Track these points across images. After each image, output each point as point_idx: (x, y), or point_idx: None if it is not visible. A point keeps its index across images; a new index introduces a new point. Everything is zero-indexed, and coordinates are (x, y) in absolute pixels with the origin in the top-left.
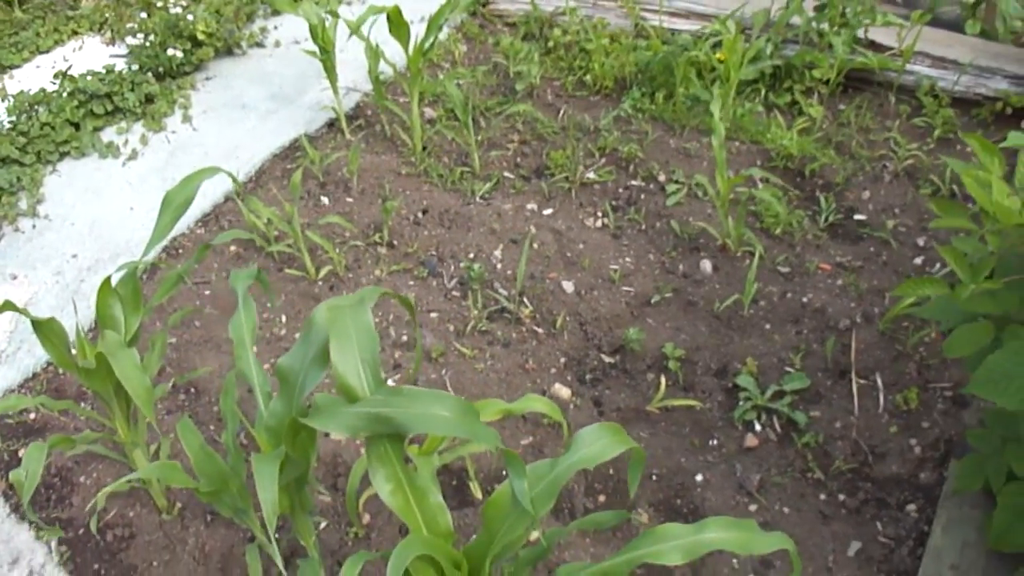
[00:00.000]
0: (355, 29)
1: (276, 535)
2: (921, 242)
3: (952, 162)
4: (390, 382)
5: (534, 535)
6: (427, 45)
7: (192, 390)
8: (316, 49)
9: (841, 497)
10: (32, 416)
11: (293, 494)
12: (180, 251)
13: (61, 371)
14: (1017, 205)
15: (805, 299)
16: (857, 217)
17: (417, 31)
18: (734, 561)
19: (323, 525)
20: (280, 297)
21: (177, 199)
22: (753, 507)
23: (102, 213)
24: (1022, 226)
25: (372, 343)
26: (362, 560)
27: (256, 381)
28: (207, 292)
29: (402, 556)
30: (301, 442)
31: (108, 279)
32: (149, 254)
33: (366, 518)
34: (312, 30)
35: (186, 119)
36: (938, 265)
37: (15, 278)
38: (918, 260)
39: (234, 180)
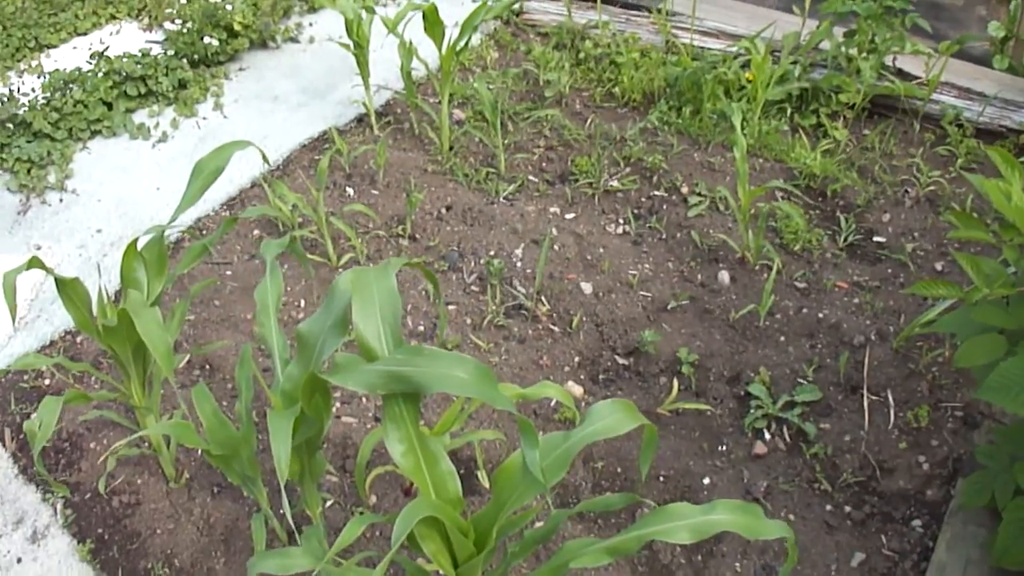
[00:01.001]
0: (392, 27)
1: (280, 511)
2: (939, 266)
3: (973, 177)
4: None
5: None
6: (460, 45)
7: (207, 366)
8: (350, 43)
9: (847, 509)
10: (47, 382)
11: (304, 458)
12: (204, 232)
13: (79, 339)
14: None
15: (821, 315)
16: (876, 239)
17: (451, 34)
18: (737, 565)
19: (329, 503)
20: (300, 281)
21: (208, 167)
22: None
23: (129, 191)
24: None
25: (395, 305)
26: (366, 521)
27: (276, 346)
28: (228, 272)
29: (409, 516)
30: (316, 403)
31: (134, 242)
32: (177, 220)
33: (372, 499)
34: (348, 25)
35: (217, 107)
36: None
37: (39, 248)
38: None
39: (264, 157)
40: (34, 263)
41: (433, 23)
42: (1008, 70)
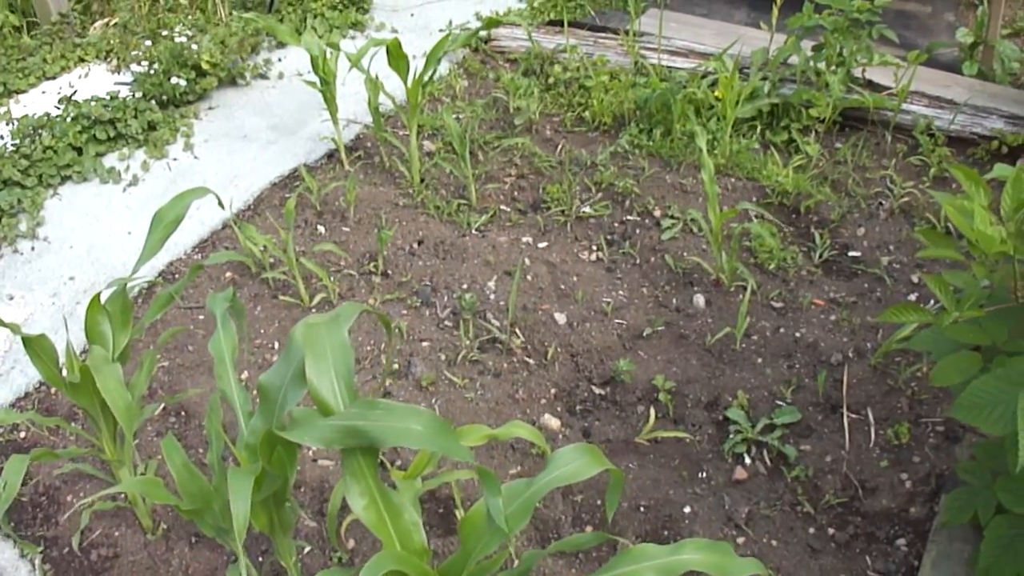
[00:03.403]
0: (355, 62)
1: (260, 558)
2: (915, 279)
3: (938, 195)
4: None
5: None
6: (426, 78)
7: (182, 413)
8: (317, 80)
9: (830, 531)
10: (22, 435)
11: (272, 511)
12: (176, 276)
13: (53, 391)
14: (998, 233)
15: (798, 334)
16: (852, 253)
17: (417, 65)
18: None
19: (307, 550)
20: (275, 322)
21: (167, 217)
22: (741, 539)
23: (101, 237)
24: (1004, 254)
25: (347, 359)
26: None
27: (237, 400)
28: (200, 317)
29: (373, 570)
30: (279, 457)
31: (97, 296)
32: (139, 271)
33: (351, 543)
34: (313, 61)
35: (188, 147)
36: (932, 301)
37: (12, 299)
38: (912, 296)
39: (219, 201)
40: None
41: (397, 57)
42: (978, 76)
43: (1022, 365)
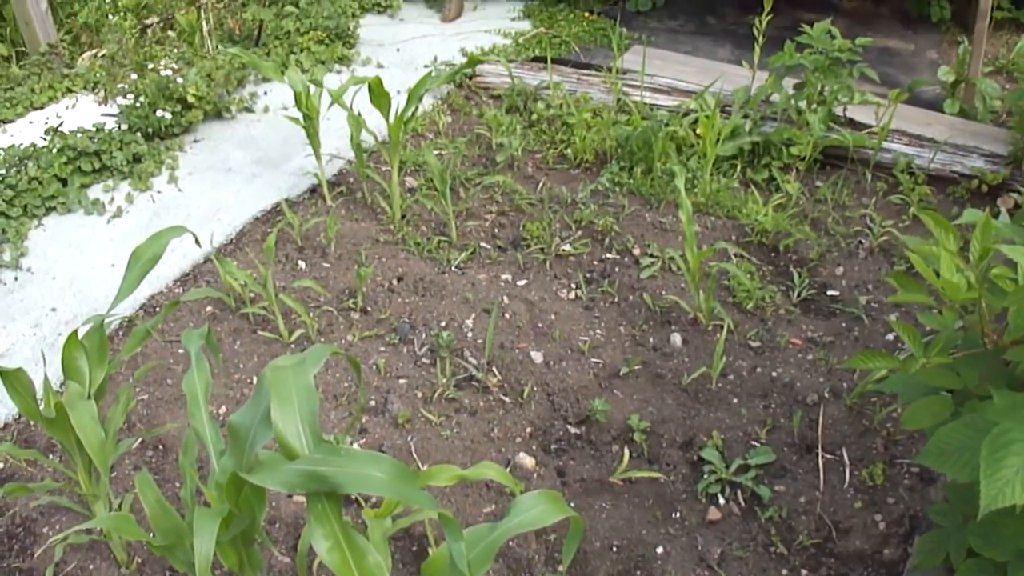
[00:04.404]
0: (336, 97)
1: None
2: (894, 318)
3: (907, 239)
4: (355, 446)
5: None
6: (408, 115)
7: (160, 447)
8: (300, 116)
9: (803, 572)
10: (1, 466)
11: (241, 550)
12: (157, 309)
13: (32, 423)
14: (963, 281)
15: (774, 373)
16: (830, 293)
17: (399, 102)
18: None
19: None
20: (253, 357)
21: (145, 255)
22: None
23: (84, 269)
24: (970, 301)
25: (312, 403)
26: None
27: (209, 438)
28: (180, 351)
29: None
30: (246, 498)
31: (75, 332)
32: (117, 308)
33: None
34: (297, 97)
35: (172, 180)
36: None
37: None
38: (890, 336)
39: (196, 240)
40: None
41: (378, 95)
42: (959, 114)
43: (988, 413)
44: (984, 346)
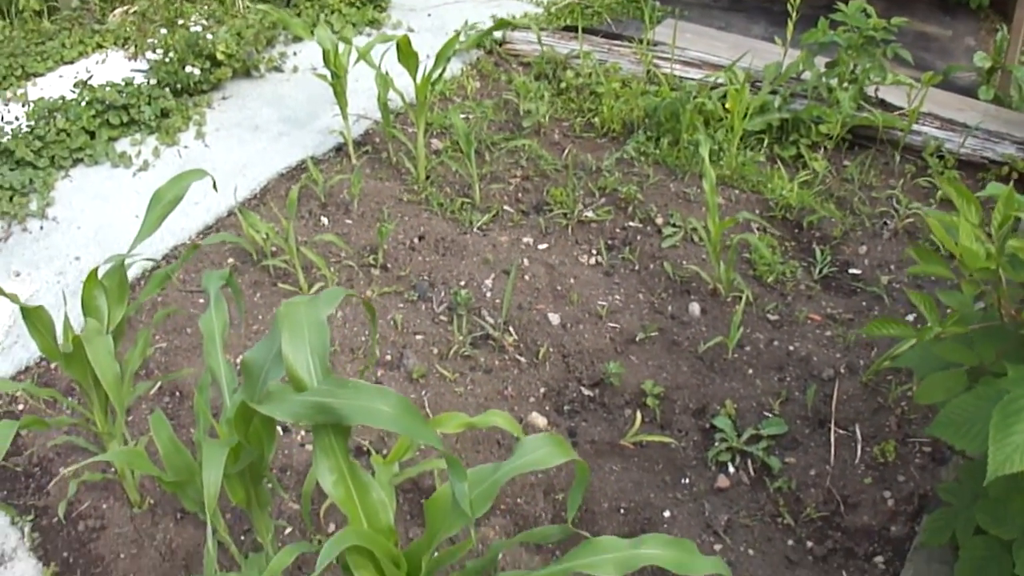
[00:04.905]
0: (364, 54)
1: (242, 537)
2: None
3: (928, 212)
4: None
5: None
6: (435, 76)
7: (177, 393)
8: (328, 74)
9: (809, 544)
10: (20, 407)
11: (249, 486)
12: (177, 258)
13: (52, 367)
14: (982, 251)
15: (791, 347)
16: (852, 271)
17: (428, 64)
18: None
19: (288, 531)
20: (271, 309)
21: (166, 196)
22: (718, 547)
23: (109, 219)
24: (988, 271)
25: (323, 337)
26: (299, 550)
27: (223, 376)
28: (200, 300)
29: (335, 545)
30: (256, 431)
31: (95, 270)
32: (142, 252)
33: (331, 527)
34: (325, 55)
35: (199, 135)
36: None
37: (18, 275)
38: (910, 316)
39: (214, 184)
40: None
41: (407, 54)
42: (994, 101)
43: (1002, 384)
44: (1001, 320)
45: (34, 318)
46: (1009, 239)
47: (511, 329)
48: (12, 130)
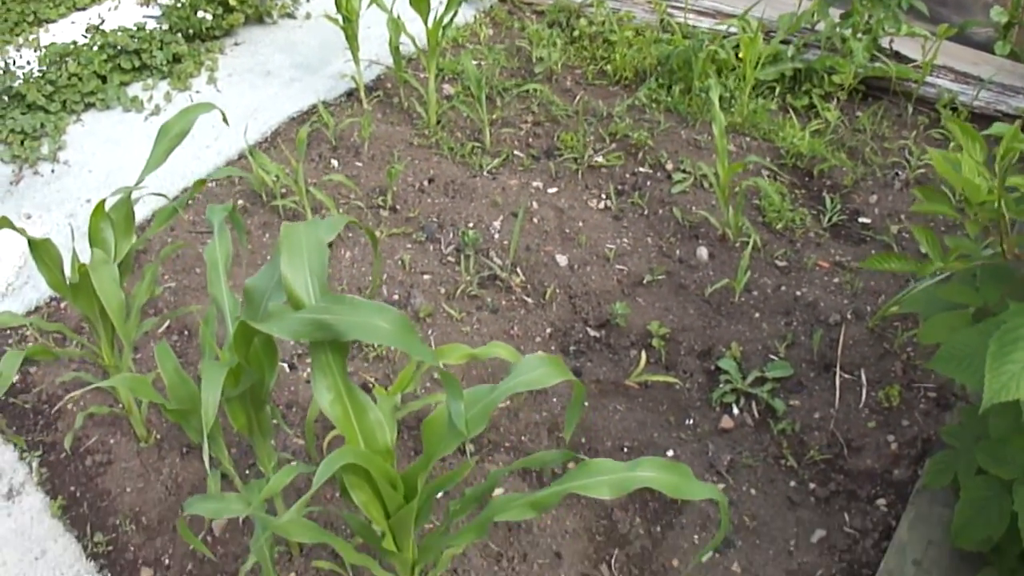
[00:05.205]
0: None
1: (247, 471)
2: (924, 249)
3: (932, 151)
4: None
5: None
6: (446, 20)
7: (185, 332)
8: (339, 18)
9: (811, 486)
10: (29, 344)
11: (250, 412)
12: (190, 202)
13: (62, 306)
14: (985, 184)
15: (798, 293)
16: (862, 220)
17: (439, 9)
18: (695, 538)
19: (292, 463)
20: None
21: (173, 130)
22: (721, 486)
23: (120, 163)
24: (990, 208)
25: (322, 259)
26: (297, 471)
27: (226, 305)
28: (209, 240)
29: (332, 462)
30: (255, 353)
31: (102, 202)
32: (150, 189)
33: None
34: (337, 0)
35: (211, 81)
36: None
37: (29, 217)
38: None
39: (223, 116)
40: (3, 223)
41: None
42: (1010, 56)
43: (1002, 317)
44: (1005, 258)
45: (42, 252)
46: (1011, 177)
47: (518, 270)
48: (24, 75)
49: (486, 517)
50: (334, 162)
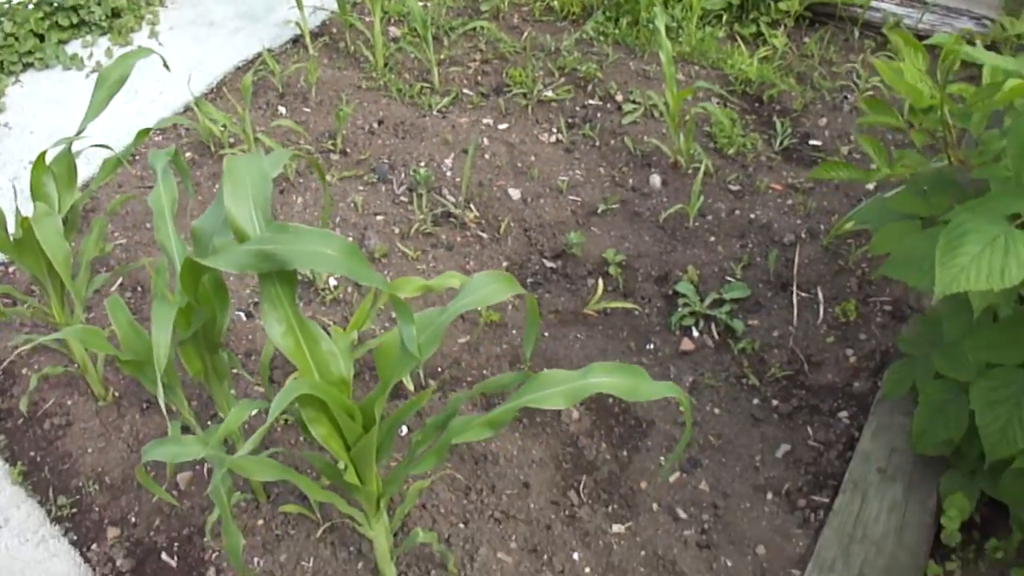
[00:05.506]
0: None
1: (209, 422)
2: (875, 167)
3: (877, 61)
4: (331, 281)
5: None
6: None
7: (139, 288)
8: None
9: (774, 403)
10: None
11: (205, 355)
12: (136, 155)
13: (11, 271)
14: (927, 89)
15: (752, 215)
16: (812, 142)
17: None
18: (661, 459)
19: (254, 413)
20: None
21: (112, 77)
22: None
23: (62, 123)
24: (932, 109)
25: (265, 190)
26: (254, 406)
27: (175, 250)
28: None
29: (288, 394)
30: (204, 291)
31: (43, 155)
32: (85, 131)
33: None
34: None
35: (153, 35)
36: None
37: None
38: (870, 186)
39: (164, 63)
40: None
41: None
42: None
43: (949, 217)
44: (951, 164)
45: None
46: (953, 85)
47: (472, 206)
48: None
49: (445, 440)
50: (282, 109)
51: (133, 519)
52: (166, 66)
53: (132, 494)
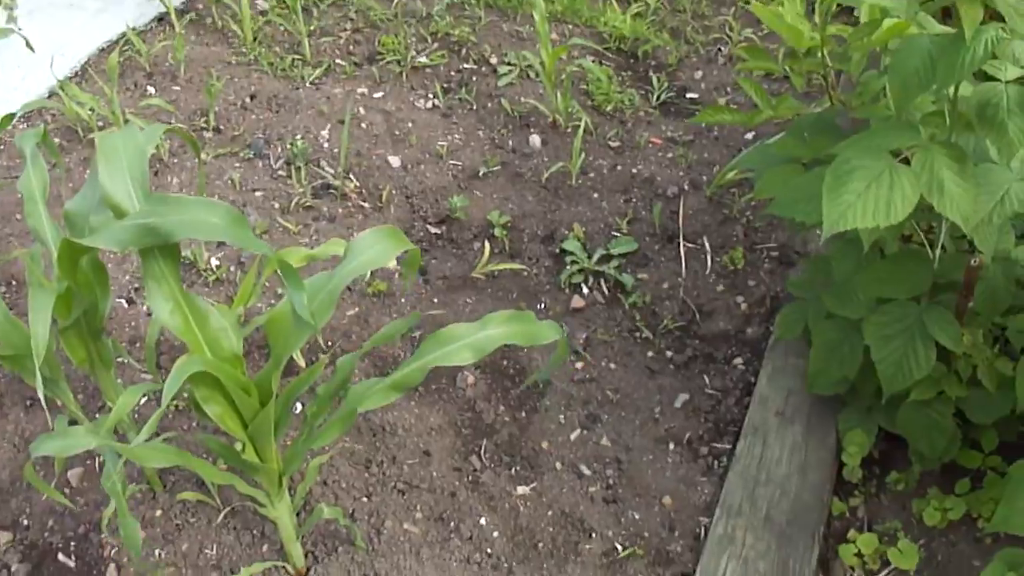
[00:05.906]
0: None
1: (97, 414)
2: (755, 101)
3: (756, 6)
4: (213, 261)
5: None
6: None
7: (13, 282)
8: None
9: (669, 354)
10: None
11: (88, 342)
12: (1, 147)
13: None
14: (807, 30)
15: (634, 170)
16: (690, 95)
17: None
18: (561, 418)
19: (144, 401)
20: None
21: None
22: (579, 364)
23: None
24: (812, 51)
25: (141, 162)
26: (142, 389)
27: (49, 235)
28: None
29: (180, 373)
30: (84, 275)
31: None
32: None
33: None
34: None
35: (10, 20)
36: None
37: None
38: (749, 136)
39: (27, 44)
40: None
41: None
42: None
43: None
44: (832, 104)
45: None
46: (832, 26)
47: (352, 176)
48: None
49: (348, 408)
50: (150, 88)
51: (25, 521)
52: (29, 47)
53: (22, 496)
